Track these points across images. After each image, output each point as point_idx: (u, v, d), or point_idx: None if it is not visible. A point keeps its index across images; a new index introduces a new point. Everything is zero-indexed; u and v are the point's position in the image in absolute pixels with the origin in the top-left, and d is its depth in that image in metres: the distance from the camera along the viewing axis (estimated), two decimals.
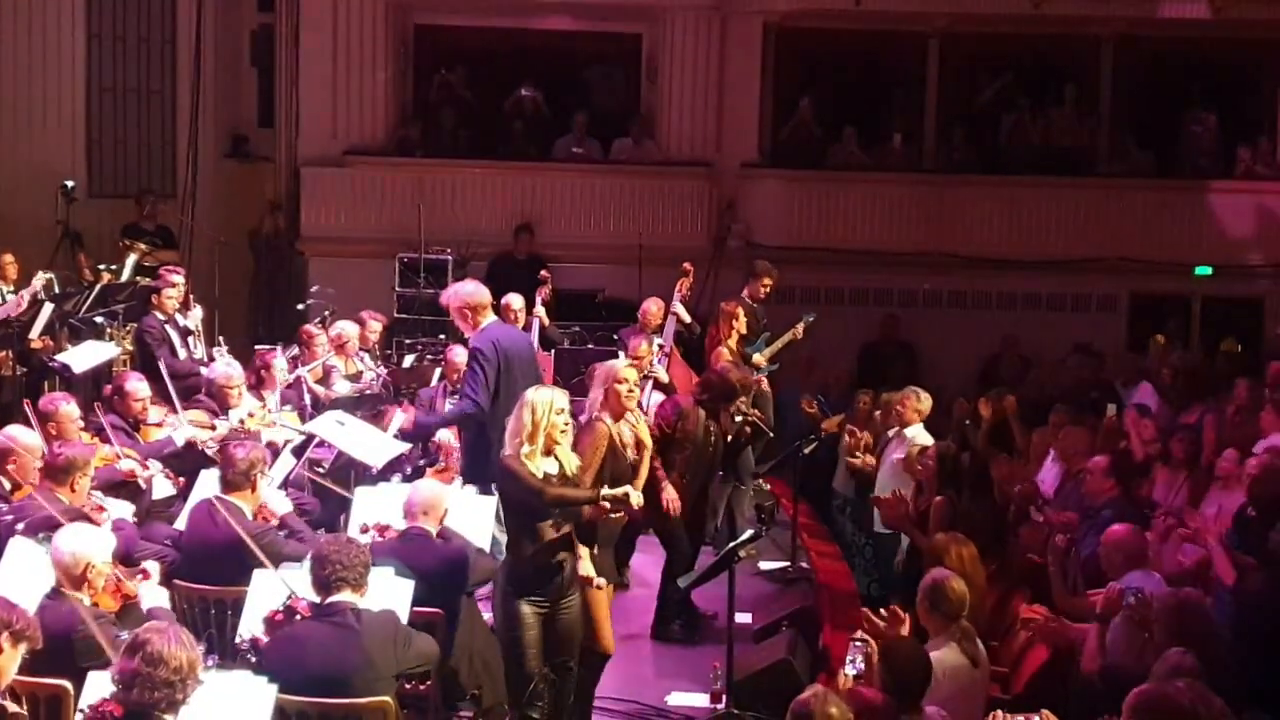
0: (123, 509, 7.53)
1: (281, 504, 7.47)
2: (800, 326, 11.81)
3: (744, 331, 10.92)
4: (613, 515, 6.68)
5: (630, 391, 7.48)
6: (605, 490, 6.66)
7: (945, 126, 15.90)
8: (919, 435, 9.86)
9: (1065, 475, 9.54)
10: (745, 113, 15.36)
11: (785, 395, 12.05)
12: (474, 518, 7.40)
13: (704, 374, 9.45)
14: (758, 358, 11.67)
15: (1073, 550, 7.88)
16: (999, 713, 4.55)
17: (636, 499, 6.76)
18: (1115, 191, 15.41)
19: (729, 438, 9.01)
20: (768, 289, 11.81)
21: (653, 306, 11.70)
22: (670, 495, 8.35)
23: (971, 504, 8.62)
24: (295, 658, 5.60)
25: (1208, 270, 15.23)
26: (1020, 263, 15.05)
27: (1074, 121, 15.92)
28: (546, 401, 6.51)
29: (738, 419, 9.06)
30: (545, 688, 6.45)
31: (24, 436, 7.48)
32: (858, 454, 10.74)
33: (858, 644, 5.91)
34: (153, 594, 6.27)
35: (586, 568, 6.73)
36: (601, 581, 6.82)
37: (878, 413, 11.30)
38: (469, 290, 8.66)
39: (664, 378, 10.55)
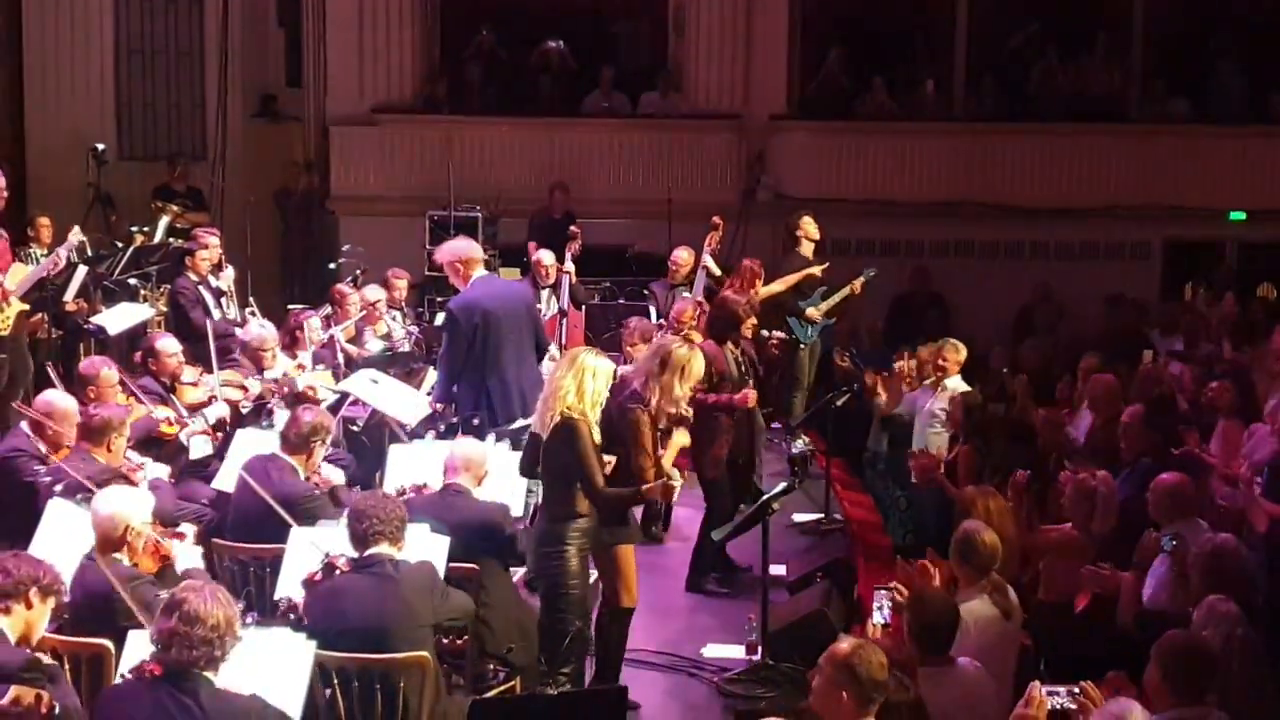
0: (159, 470, 7.60)
1: (335, 475, 7.55)
2: (859, 281, 11.78)
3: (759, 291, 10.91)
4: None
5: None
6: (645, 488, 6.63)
7: (975, 75, 15.77)
8: (958, 385, 9.86)
9: (1094, 423, 9.49)
10: (773, 64, 15.25)
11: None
12: (509, 476, 7.41)
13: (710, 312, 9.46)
14: (812, 311, 11.68)
15: (1032, 486, 7.91)
16: (1036, 684, 4.55)
17: (676, 481, 6.70)
18: (1148, 138, 15.26)
19: (758, 363, 9.06)
20: (815, 239, 11.80)
21: (683, 254, 11.68)
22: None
23: (1008, 453, 8.62)
24: (335, 609, 5.66)
25: (1242, 215, 15.09)
26: (1052, 211, 14.94)
27: (1106, 68, 15.78)
28: (607, 373, 6.57)
29: (764, 334, 9.16)
30: (576, 645, 6.48)
31: (61, 401, 7.55)
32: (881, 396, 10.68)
33: (884, 593, 5.93)
34: (187, 555, 6.32)
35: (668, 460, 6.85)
36: (678, 480, 6.77)
37: (910, 363, 11.24)
38: (461, 245, 8.89)
39: (698, 339, 10.51)
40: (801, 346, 11.69)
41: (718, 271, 11.53)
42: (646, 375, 7.06)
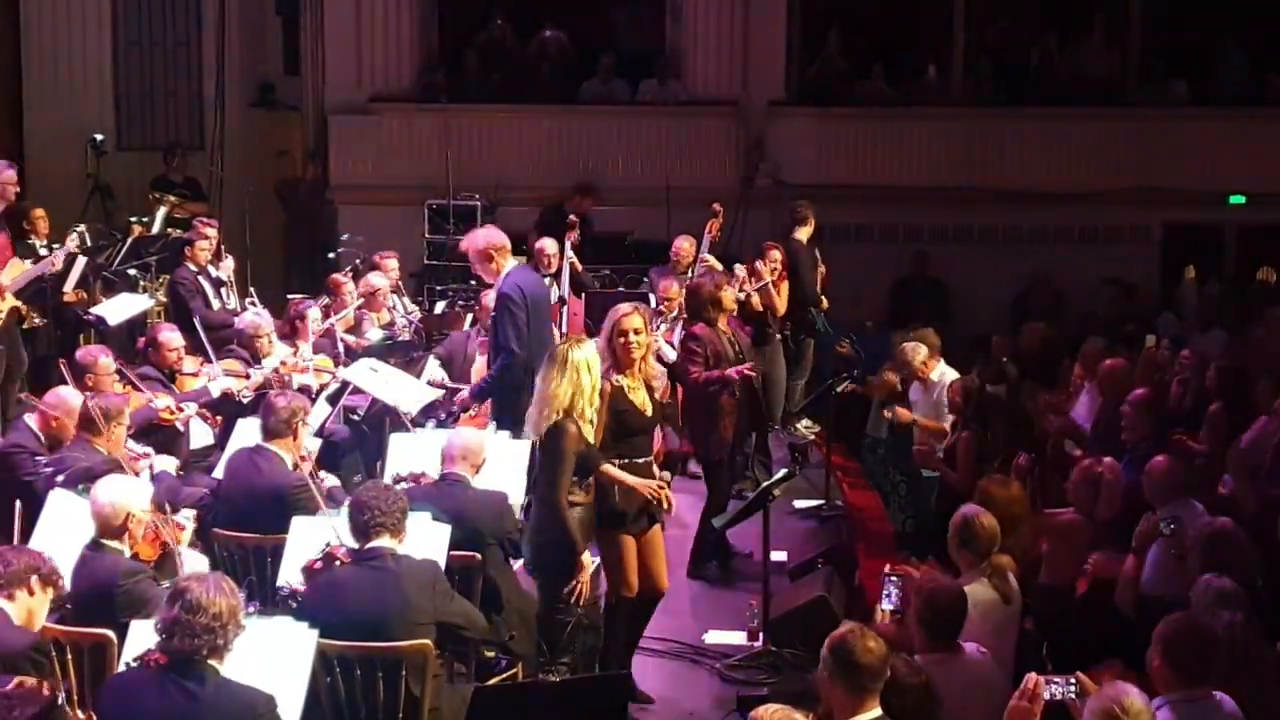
0: (167, 462, 7.61)
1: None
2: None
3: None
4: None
5: (636, 343, 6.82)
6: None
7: (973, 59, 15.75)
8: (946, 373, 9.85)
9: (1103, 408, 9.48)
10: (771, 50, 15.22)
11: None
12: (508, 464, 7.41)
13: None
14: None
15: (1036, 470, 7.90)
16: (1033, 675, 4.55)
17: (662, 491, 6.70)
18: (1147, 121, 15.24)
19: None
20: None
21: (685, 244, 11.67)
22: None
23: (1008, 438, 8.62)
24: (334, 601, 5.64)
25: (1241, 199, 15.08)
26: (1051, 195, 14.91)
27: (1104, 51, 15.76)
28: (596, 360, 6.47)
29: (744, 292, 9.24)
30: (579, 633, 6.49)
31: (73, 399, 7.55)
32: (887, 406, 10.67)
33: (893, 580, 5.94)
34: (191, 559, 6.32)
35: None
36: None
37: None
38: (494, 234, 8.68)
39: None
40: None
41: (715, 262, 11.51)
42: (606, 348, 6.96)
